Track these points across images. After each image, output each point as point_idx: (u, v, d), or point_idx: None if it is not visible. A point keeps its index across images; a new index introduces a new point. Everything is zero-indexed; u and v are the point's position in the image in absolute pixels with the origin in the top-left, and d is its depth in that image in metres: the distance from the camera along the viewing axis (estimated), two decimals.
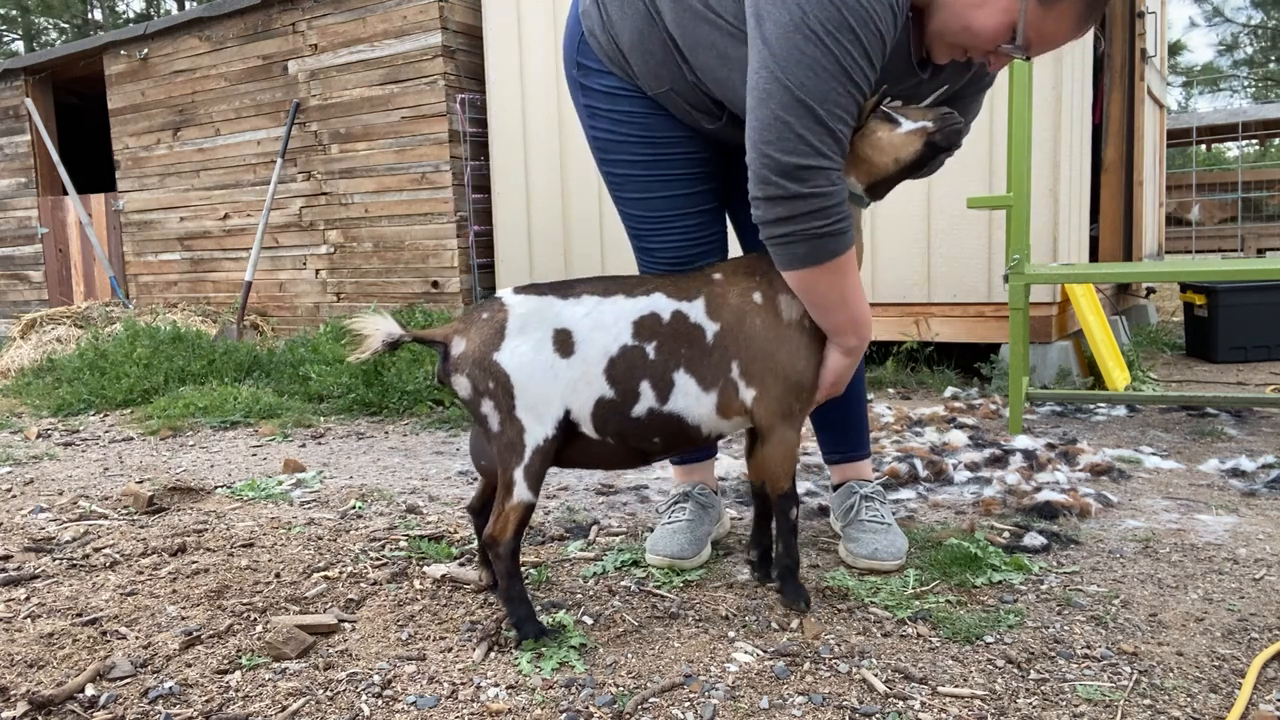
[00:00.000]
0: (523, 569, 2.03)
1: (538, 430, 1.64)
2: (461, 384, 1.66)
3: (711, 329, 1.70)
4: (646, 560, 2.04)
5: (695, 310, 1.71)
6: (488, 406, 1.64)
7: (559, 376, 1.64)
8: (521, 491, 1.64)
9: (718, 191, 2.03)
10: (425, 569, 2.05)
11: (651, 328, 1.69)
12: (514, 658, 1.61)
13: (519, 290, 1.71)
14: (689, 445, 1.77)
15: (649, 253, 2.03)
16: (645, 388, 1.67)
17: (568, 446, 1.71)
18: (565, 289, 1.71)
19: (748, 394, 1.70)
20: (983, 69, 1.78)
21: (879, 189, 1.72)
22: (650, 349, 1.68)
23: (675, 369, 1.68)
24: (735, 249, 2.19)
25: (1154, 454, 2.90)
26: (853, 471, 2.21)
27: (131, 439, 3.79)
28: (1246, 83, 19.25)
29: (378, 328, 1.66)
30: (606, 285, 1.72)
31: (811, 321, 1.70)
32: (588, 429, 1.68)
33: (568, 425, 1.67)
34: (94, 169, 8.85)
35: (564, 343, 1.65)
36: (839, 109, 1.53)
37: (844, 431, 2.19)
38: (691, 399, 1.69)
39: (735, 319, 1.70)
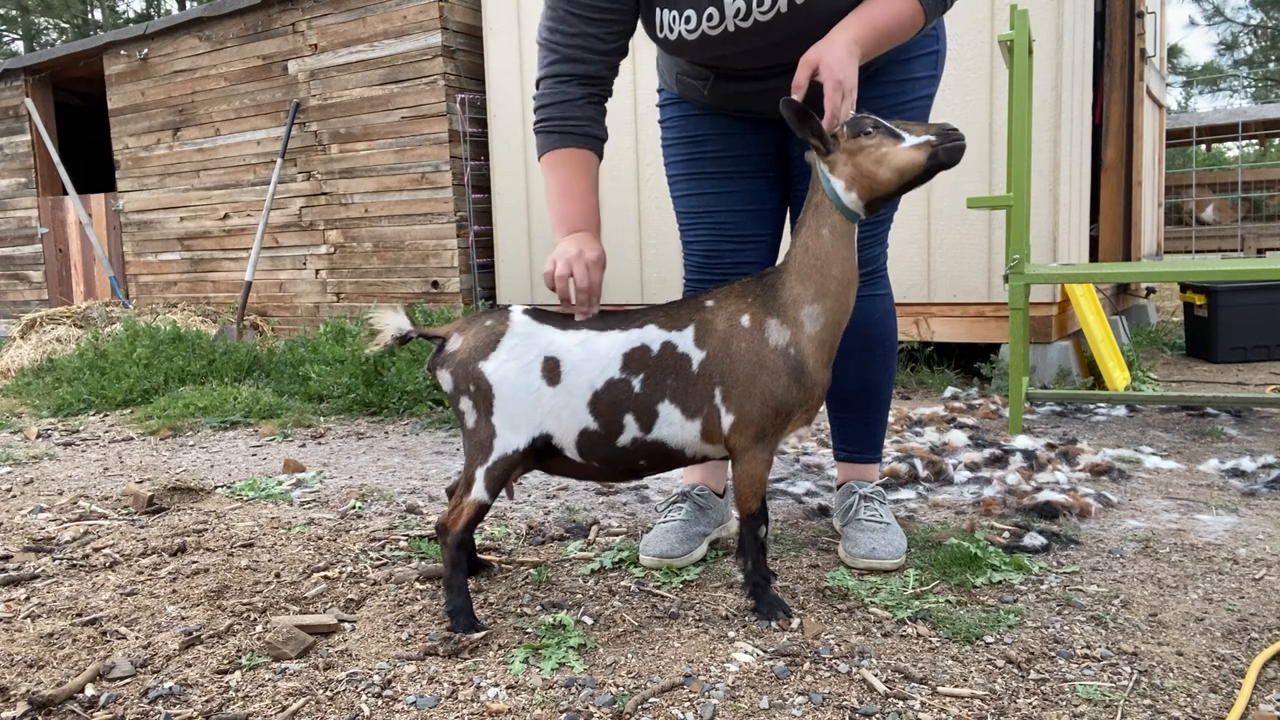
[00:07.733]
0: (523, 568, 2.04)
1: (509, 439, 1.70)
2: (445, 378, 1.76)
3: (698, 357, 1.71)
4: (640, 560, 2.04)
5: (684, 340, 1.72)
6: (465, 404, 1.73)
7: (541, 401, 1.70)
8: (479, 491, 1.71)
9: (758, 193, 2.08)
10: (425, 569, 2.05)
11: (640, 360, 1.71)
12: (510, 657, 1.61)
13: (528, 311, 1.77)
14: (675, 466, 1.81)
15: (688, 245, 2.18)
16: (629, 420, 1.71)
17: (556, 460, 1.77)
18: (567, 320, 1.76)
19: (727, 419, 1.71)
20: None
21: (876, 204, 1.69)
22: (636, 382, 1.70)
23: (660, 400, 1.71)
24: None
25: (1154, 454, 2.90)
26: (856, 473, 2.21)
27: (131, 439, 3.79)
28: (1246, 82, 19.25)
29: (388, 323, 1.77)
30: (605, 320, 1.76)
31: (797, 349, 1.69)
32: (572, 454, 1.74)
33: (549, 447, 1.73)
34: (94, 169, 8.85)
35: (551, 371, 1.70)
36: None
37: (860, 430, 2.18)
38: (675, 427, 1.72)
39: (721, 343, 1.71)
